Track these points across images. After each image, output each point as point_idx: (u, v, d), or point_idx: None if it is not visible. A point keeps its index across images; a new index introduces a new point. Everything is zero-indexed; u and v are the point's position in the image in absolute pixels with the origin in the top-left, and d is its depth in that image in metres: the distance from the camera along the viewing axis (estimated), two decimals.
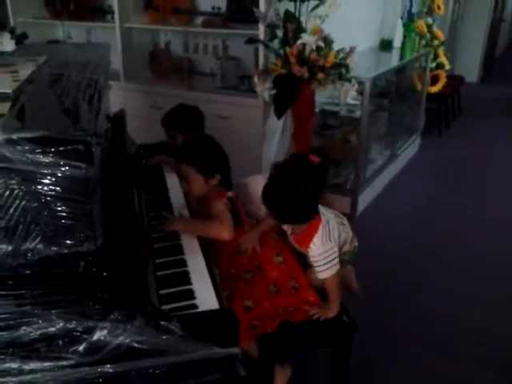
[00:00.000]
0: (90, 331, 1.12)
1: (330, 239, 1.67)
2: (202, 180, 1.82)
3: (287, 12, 2.59)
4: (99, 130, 1.06)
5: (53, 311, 1.10)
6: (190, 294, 1.38)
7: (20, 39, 2.04)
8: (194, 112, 2.43)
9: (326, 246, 1.65)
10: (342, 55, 2.57)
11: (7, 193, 1.01)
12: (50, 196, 1.03)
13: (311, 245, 1.66)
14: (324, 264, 1.65)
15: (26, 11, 3.69)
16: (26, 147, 0.98)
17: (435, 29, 4.69)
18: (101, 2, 3.73)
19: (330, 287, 1.70)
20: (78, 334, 1.11)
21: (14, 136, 0.97)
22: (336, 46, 2.59)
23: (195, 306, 1.33)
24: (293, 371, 1.87)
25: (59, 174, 1.01)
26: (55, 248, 1.06)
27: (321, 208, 1.72)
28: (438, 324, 2.43)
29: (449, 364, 2.17)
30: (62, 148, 0.99)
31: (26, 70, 1.49)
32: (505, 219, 3.50)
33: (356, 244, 1.93)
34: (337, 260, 1.68)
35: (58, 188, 1.03)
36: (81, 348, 1.12)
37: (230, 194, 1.87)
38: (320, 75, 2.51)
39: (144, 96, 3.42)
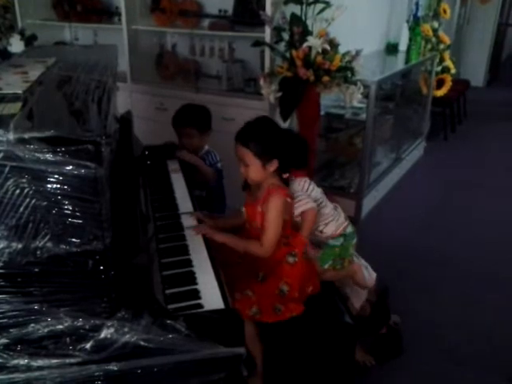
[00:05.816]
0: (96, 329, 1.13)
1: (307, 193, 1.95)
2: (259, 165, 1.70)
3: (293, 15, 2.60)
4: (108, 131, 1.07)
5: (61, 309, 1.11)
6: (196, 294, 1.39)
7: (29, 41, 2.06)
8: (205, 110, 2.45)
9: (303, 189, 1.95)
10: (347, 58, 2.58)
11: (18, 191, 1.03)
12: (60, 195, 1.04)
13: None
14: (304, 199, 1.89)
15: (33, 13, 3.71)
16: (37, 146, 0.99)
17: (441, 33, 4.71)
18: (108, 3, 3.76)
19: (307, 220, 1.89)
20: (85, 331, 1.13)
21: (26, 135, 0.98)
22: (342, 49, 2.60)
23: (201, 306, 1.34)
24: None
25: (69, 174, 1.03)
26: (64, 246, 1.08)
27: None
28: (447, 330, 2.39)
29: (459, 371, 2.15)
30: (72, 148, 1.01)
31: (35, 72, 1.51)
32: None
33: (350, 230, 2.05)
34: (311, 203, 1.92)
35: (67, 187, 1.04)
36: (88, 346, 1.13)
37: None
38: (326, 78, 2.52)
39: (150, 98, 3.44)
